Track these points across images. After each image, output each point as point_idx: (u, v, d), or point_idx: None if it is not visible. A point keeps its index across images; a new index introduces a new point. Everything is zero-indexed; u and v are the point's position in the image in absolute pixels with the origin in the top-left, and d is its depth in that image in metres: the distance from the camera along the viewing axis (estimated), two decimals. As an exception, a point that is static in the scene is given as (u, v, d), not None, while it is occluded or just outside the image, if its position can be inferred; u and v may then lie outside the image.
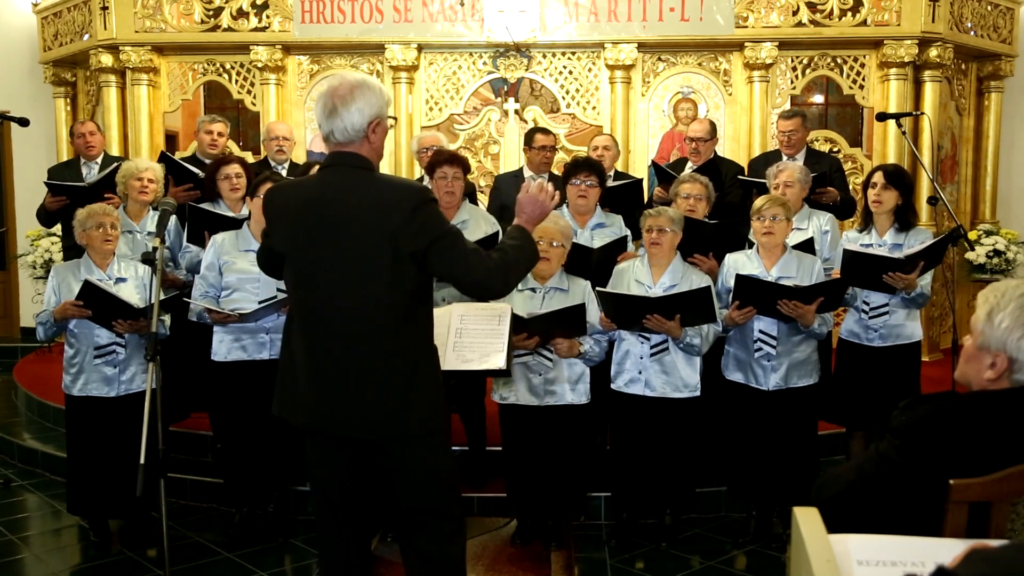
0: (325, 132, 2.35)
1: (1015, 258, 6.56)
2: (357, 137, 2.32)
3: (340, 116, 2.30)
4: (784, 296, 3.47)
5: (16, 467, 4.92)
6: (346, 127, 2.30)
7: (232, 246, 3.74)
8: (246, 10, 6.29)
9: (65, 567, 3.67)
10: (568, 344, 3.52)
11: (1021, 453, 1.60)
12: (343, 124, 2.30)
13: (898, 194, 3.80)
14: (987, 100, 6.85)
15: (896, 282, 3.61)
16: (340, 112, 2.29)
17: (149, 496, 3.28)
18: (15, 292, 7.89)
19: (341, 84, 2.32)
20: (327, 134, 2.35)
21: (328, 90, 2.33)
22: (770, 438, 3.63)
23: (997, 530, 1.59)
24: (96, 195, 4.37)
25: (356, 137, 2.32)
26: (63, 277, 3.69)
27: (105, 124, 6.45)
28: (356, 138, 2.32)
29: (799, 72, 6.29)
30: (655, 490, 3.75)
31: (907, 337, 3.82)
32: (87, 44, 6.58)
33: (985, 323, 1.69)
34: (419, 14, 6.20)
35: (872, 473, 1.73)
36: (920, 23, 5.99)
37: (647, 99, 6.35)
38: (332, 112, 2.30)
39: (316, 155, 6.37)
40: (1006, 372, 1.68)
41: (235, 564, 3.63)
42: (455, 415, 3.82)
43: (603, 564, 3.62)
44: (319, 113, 2.34)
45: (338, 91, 2.30)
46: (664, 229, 3.60)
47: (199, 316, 3.67)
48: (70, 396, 3.71)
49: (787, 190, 4.03)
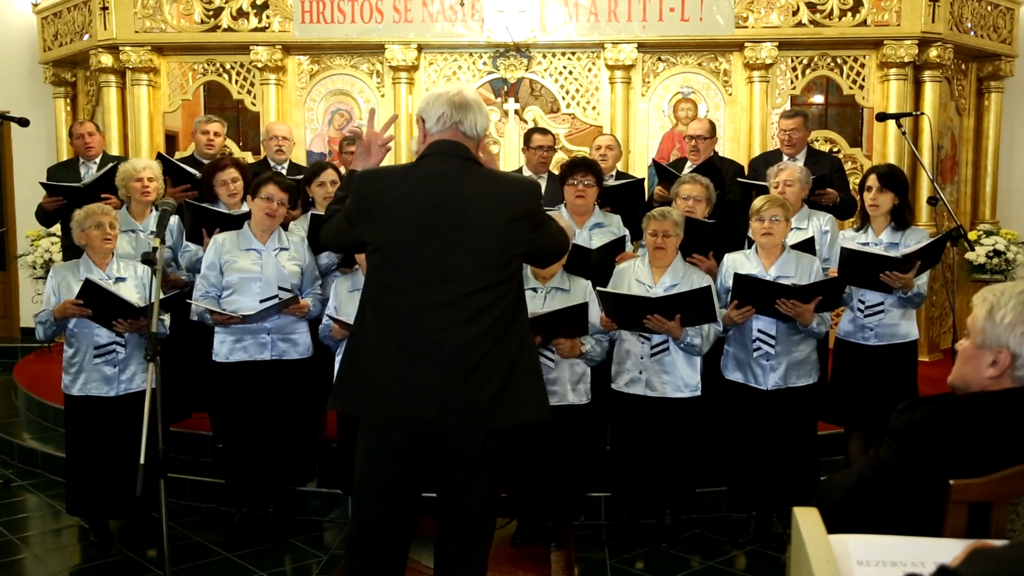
0: (452, 120, 2.35)
1: (1015, 258, 6.56)
2: (477, 138, 2.40)
3: (476, 113, 2.37)
4: (782, 295, 3.47)
5: (16, 467, 4.92)
6: (476, 123, 2.37)
7: (233, 245, 3.74)
8: (246, 10, 6.29)
9: (65, 567, 3.67)
10: (570, 344, 3.52)
11: (1020, 453, 1.60)
12: (475, 119, 2.36)
13: (893, 195, 3.80)
14: (987, 100, 6.85)
15: (893, 281, 3.61)
16: (476, 110, 2.37)
17: (149, 496, 3.27)
18: (15, 292, 7.89)
19: (468, 90, 2.43)
20: (455, 122, 2.35)
21: (456, 89, 2.41)
22: (770, 438, 3.63)
23: (997, 530, 1.59)
24: (92, 196, 4.36)
25: (477, 138, 2.39)
26: (62, 277, 3.69)
27: (105, 124, 6.46)
28: (476, 139, 2.40)
29: (799, 72, 6.29)
30: (655, 490, 3.75)
31: (903, 336, 3.82)
32: (87, 44, 6.59)
33: (986, 321, 1.69)
34: (419, 14, 6.20)
35: (872, 477, 1.73)
36: (920, 23, 5.99)
37: (647, 99, 6.36)
38: (465, 106, 2.36)
39: (316, 155, 6.38)
40: (1008, 369, 1.67)
41: (235, 564, 3.63)
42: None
43: (603, 564, 3.62)
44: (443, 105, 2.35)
45: (468, 92, 2.40)
46: (669, 234, 3.61)
47: (200, 317, 3.67)
48: (69, 396, 3.70)
49: (787, 189, 4.03)
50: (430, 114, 2.38)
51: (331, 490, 4.11)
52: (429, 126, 2.39)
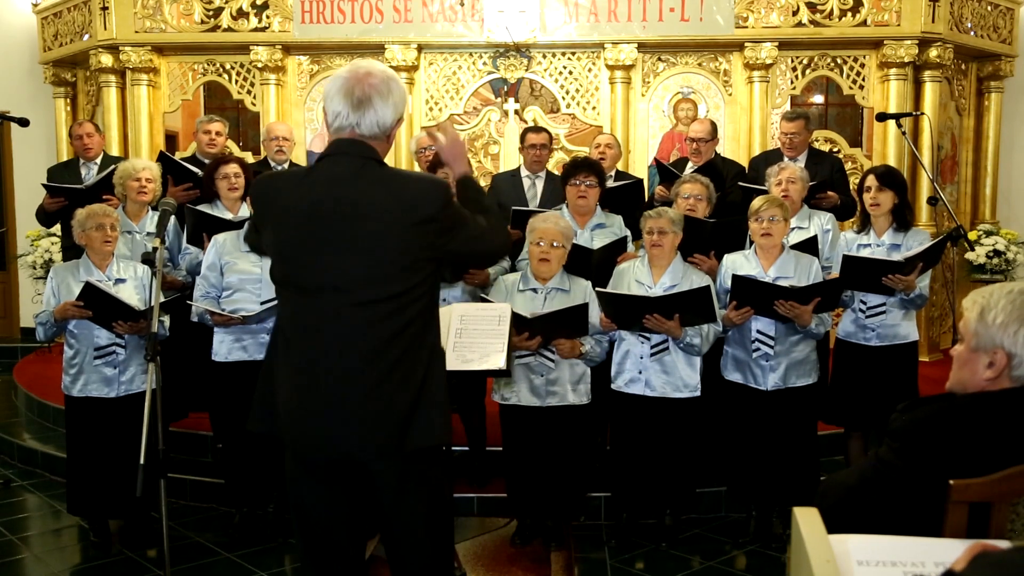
0: (348, 122, 2.07)
1: (1015, 258, 6.56)
2: (383, 134, 2.11)
3: (374, 109, 2.06)
4: (781, 296, 3.48)
5: (16, 467, 4.92)
6: (378, 121, 2.07)
7: (233, 246, 3.74)
8: (246, 10, 6.29)
9: (65, 567, 3.67)
10: (570, 344, 3.52)
11: (1020, 453, 1.60)
12: (376, 118, 2.07)
13: (893, 194, 3.80)
14: (987, 100, 6.85)
15: (896, 284, 3.62)
16: (375, 104, 2.06)
17: (149, 496, 3.28)
18: (15, 292, 7.89)
19: (373, 73, 2.07)
20: (351, 124, 2.07)
21: (356, 77, 2.07)
22: (769, 438, 3.63)
23: (997, 530, 1.59)
24: (94, 197, 4.36)
25: (382, 134, 2.11)
26: (62, 278, 3.69)
27: (105, 124, 6.45)
28: (382, 135, 2.11)
29: (799, 72, 6.29)
30: (655, 490, 3.75)
31: (903, 337, 3.82)
32: (87, 44, 6.59)
33: (978, 323, 1.69)
34: (419, 14, 6.20)
35: (872, 477, 1.73)
36: (920, 23, 5.99)
37: (647, 99, 6.36)
38: (364, 103, 2.05)
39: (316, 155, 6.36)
40: (1006, 369, 1.67)
41: (235, 564, 3.63)
42: (455, 415, 3.82)
43: (603, 564, 3.62)
44: (340, 101, 2.06)
45: (371, 80, 2.06)
46: (665, 231, 3.60)
47: (200, 317, 3.67)
48: (70, 396, 3.71)
49: (790, 187, 4.03)
50: (328, 110, 2.10)
51: (331, 490, 4.10)
52: (328, 121, 2.11)
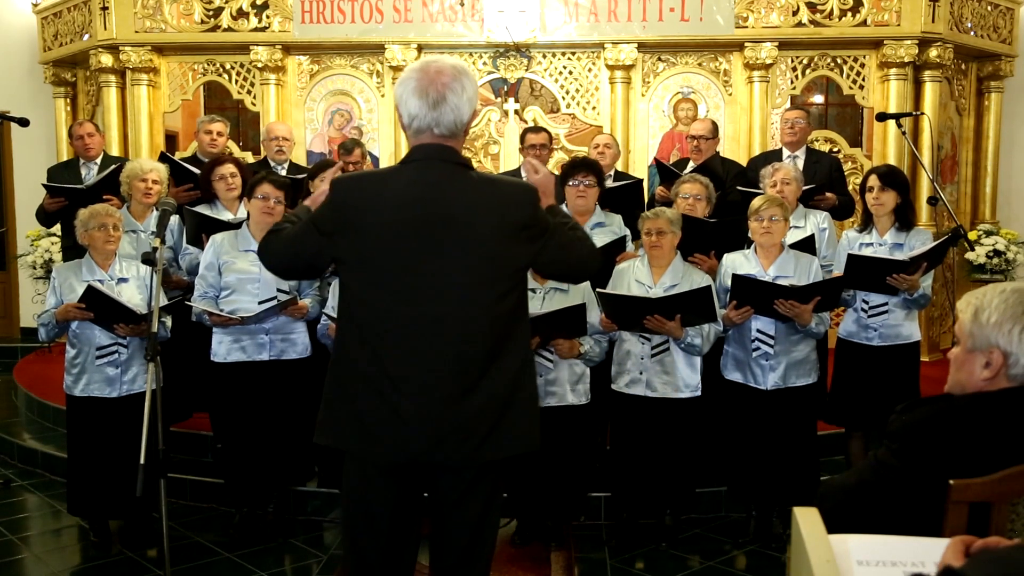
0: (427, 124, 2.00)
1: (1015, 258, 6.56)
2: (460, 132, 2.03)
3: (450, 106, 1.99)
4: (781, 296, 3.48)
5: (16, 467, 4.92)
6: (455, 120, 2.00)
7: (231, 246, 3.74)
8: (246, 10, 6.29)
9: (65, 567, 3.67)
10: (569, 345, 3.51)
11: (1019, 453, 1.60)
12: (453, 116, 2.00)
13: (896, 193, 3.81)
14: (987, 100, 6.85)
15: (900, 283, 3.62)
16: (451, 103, 1.99)
17: (149, 496, 3.28)
18: (15, 292, 7.89)
19: (444, 70, 2.00)
20: (429, 125, 2.00)
21: (428, 77, 1.99)
22: (769, 438, 3.63)
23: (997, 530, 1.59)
24: (94, 197, 4.36)
25: (459, 132, 2.03)
26: (64, 278, 3.69)
27: (105, 124, 6.45)
28: (460, 132, 2.03)
29: (799, 72, 6.29)
30: (655, 490, 3.75)
31: (905, 338, 3.82)
32: (87, 44, 6.59)
33: (972, 324, 1.70)
34: (419, 14, 6.20)
35: (872, 478, 1.73)
36: (920, 23, 5.99)
37: (647, 99, 6.36)
38: (440, 103, 1.98)
39: (316, 155, 6.38)
40: (1003, 368, 1.67)
41: (235, 564, 3.63)
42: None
43: (603, 564, 3.62)
44: (416, 103, 1.99)
45: (443, 79, 1.99)
46: (663, 231, 3.60)
47: (199, 317, 3.67)
48: (71, 396, 3.71)
49: (785, 188, 4.04)
50: (403, 112, 2.05)
51: (331, 490, 4.10)
52: (405, 123, 2.05)
